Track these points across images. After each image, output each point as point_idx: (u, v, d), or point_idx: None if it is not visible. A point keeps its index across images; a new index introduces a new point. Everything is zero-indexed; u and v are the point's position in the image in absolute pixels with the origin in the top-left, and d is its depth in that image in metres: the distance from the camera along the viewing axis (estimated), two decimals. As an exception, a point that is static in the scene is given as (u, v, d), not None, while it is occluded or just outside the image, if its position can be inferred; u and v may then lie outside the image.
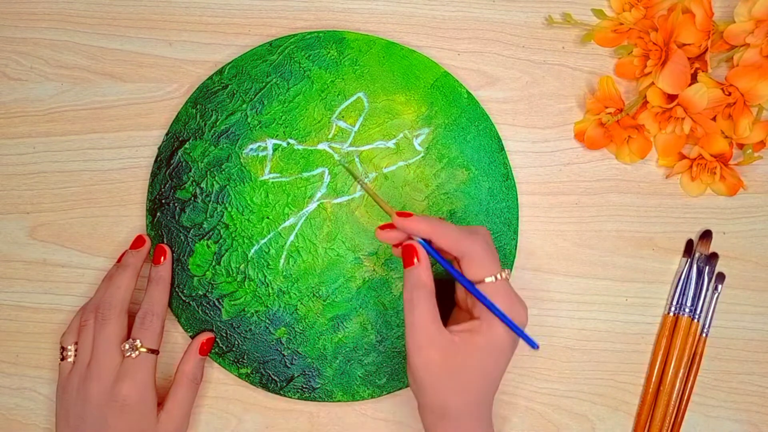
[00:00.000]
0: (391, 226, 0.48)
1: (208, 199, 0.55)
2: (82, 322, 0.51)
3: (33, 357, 0.55)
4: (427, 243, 0.47)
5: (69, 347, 0.51)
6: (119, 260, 0.54)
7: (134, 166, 0.56)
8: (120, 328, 0.50)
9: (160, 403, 0.51)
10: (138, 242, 0.54)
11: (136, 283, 0.52)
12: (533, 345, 0.45)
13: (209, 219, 0.55)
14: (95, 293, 0.53)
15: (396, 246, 0.48)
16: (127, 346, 0.49)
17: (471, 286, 0.46)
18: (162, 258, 0.53)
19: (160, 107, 0.56)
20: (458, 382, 0.45)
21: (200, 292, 0.54)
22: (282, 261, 0.55)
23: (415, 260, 0.46)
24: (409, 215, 0.47)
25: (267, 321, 0.54)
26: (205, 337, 0.53)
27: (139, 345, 0.49)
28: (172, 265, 0.54)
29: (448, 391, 0.45)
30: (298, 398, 0.54)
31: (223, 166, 0.55)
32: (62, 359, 0.51)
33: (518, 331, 0.45)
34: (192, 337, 0.54)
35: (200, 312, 0.54)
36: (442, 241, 0.46)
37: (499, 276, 0.46)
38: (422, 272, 0.46)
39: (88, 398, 0.49)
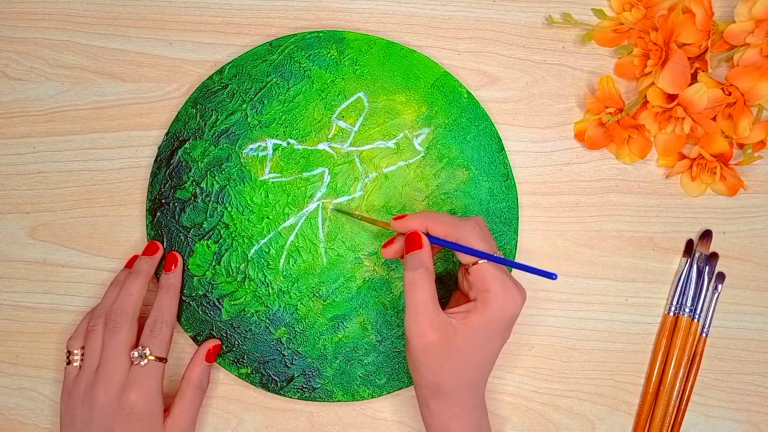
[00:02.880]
0: (390, 242, 0.50)
1: (208, 199, 0.55)
2: (89, 327, 0.51)
3: (33, 357, 0.55)
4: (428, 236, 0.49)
5: (75, 351, 0.51)
6: (128, 265, 0.54)
7: (134, 166, 0.56)
8: (131, 335, 0.50)
9: (166, 410, 0.51)
10: (151, 249, 0.54)
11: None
12: (551, 276, 0.45)
13: (209, 219, 0.55)
14: (104, 298, 0.52)
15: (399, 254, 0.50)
16: (136, 354, 0.49)
17: (475, 253, 0.47)
18: (173, 266, 0.53)
19: (160, 107, 0.56)
20: (455, 363, 0.46)
21: (200, 292, 0.54)
22: (282, 261, 0.55)
23: (422, 245, 0.48)
24: (404, 216, 0.49)
25: (267, 321, 0.54)
26: (211, 344, 0.53)
27: (148, 353, 0.49)
28: (183, 273, 0.54)
29: (444, 371, 0.46)
30: (298, 398, 0.54)
31: (223, 166, 0.55)
32: (68, 363, 0.51)
33: (531, 269, 0.46)
34: (192, 338, 0.54)
35: (200, 312, 0.54)
36: (437, 229, 0.48)
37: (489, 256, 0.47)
38: (424, 254, 0.47)
39: (94, 405, 0.48)
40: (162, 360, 0.50)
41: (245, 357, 0.54)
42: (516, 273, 0.56)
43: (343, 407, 0.55)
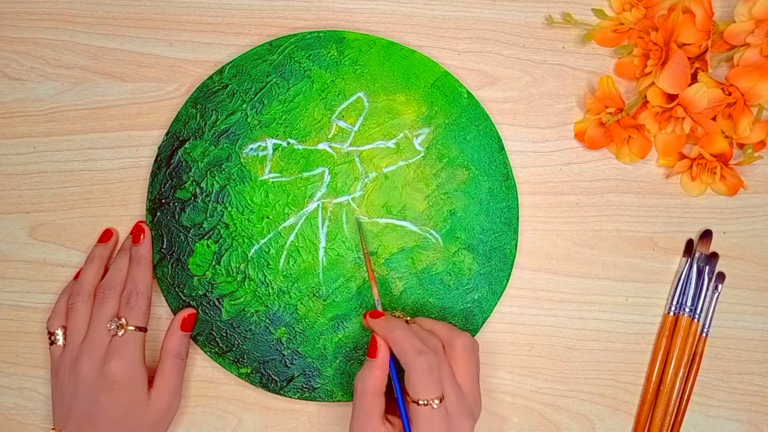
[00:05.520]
0: (378, 314, 0.51)
1: (208, 198, 0.55)
2: (69, 304, 0.52)
3: (33, 357, 0.55)
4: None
5: (57, 331, 0.52)
6: (101, 240, 0.55)
7: (134, 166, 0.56)
8: (116, 308, 0.51)
9: (151, 381, 0.51)
10: (136, 231, 0.54)
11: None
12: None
13: (209, 219, 0.55)
14: (82, 275, 0.53)
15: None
16: (112, 326, 0.50)
17: (401, 400, 0.48)
18: (141, 236, 0.54)
19: (160, 107, 0.56)
20: None
21: (200, 292, 0.54)
22: (282, 261, 0.55)
23: (377, 356, 0.48)
24: (379, 315, 0.50)
25: (267, 321, 0.54)
26: (186, 312, 0.53)
27: (125, 323, 0.50)
28: (151, 243, 0.54)
29: None
30: (299, 398, 0.54)
31: (223, 166, 0.55)
32: (51, 343, 0.52)
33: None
34: (192, 338, 0.54)
35: (200, 312, 0.54)
36: (394, 349, 0.48)
37: (428, 402, 0.46)
38: (377, 372, 0.48)
39: (79, 377, 0.49)
40: (141, 330, 0.51)
41: (245, 357, 0.54)
42: (516, 272, 0.56)
43: (343, 407, 0.55)
